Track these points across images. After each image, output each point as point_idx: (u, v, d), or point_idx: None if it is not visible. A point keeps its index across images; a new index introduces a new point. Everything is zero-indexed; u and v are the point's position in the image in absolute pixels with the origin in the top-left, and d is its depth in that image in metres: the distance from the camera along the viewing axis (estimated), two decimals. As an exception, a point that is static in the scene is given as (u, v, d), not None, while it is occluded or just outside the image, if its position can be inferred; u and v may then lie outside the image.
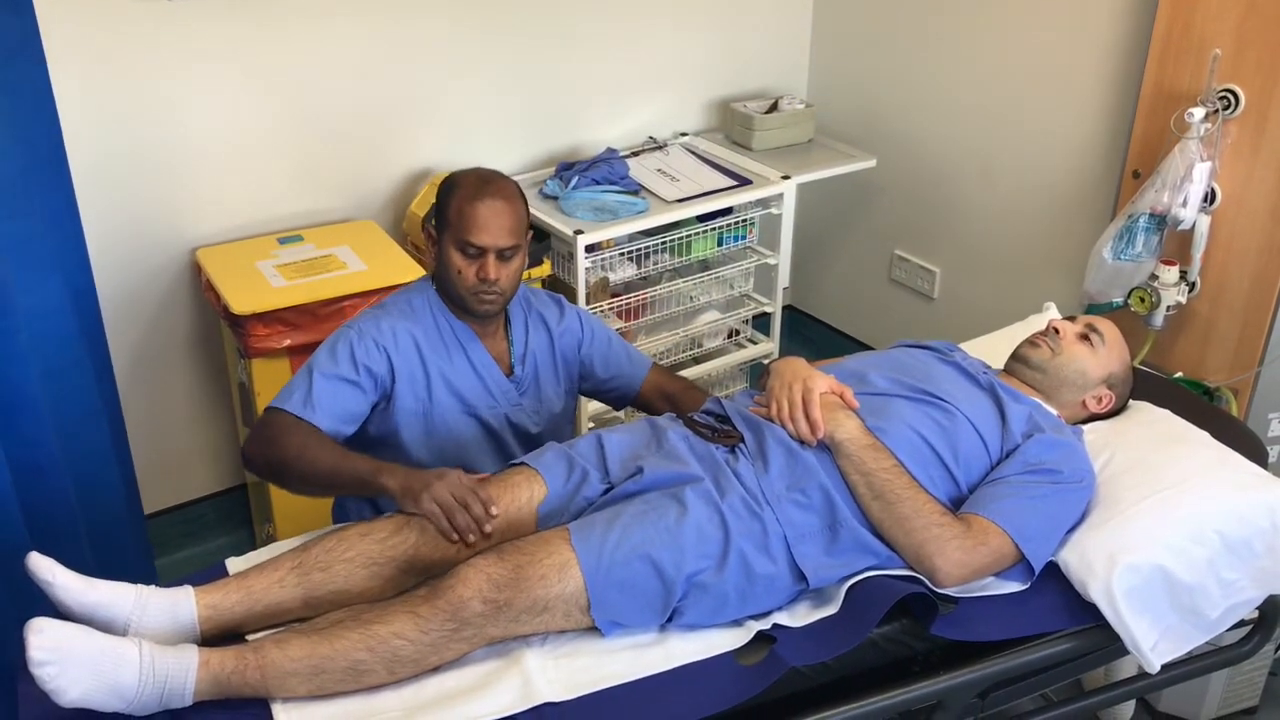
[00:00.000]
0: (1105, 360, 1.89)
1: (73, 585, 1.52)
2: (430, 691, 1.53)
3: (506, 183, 1.95)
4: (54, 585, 1.51)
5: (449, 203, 1.93)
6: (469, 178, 1.94)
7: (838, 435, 1.71)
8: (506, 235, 1.91)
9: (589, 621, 1.59)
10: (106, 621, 1.53)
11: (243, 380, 2.70)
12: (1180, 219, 2.42)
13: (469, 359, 2.00)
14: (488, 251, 1.90)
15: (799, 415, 1.74)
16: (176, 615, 1.57)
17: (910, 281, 3.46)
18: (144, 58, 2.57)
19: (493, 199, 1.90)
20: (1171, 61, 2.48)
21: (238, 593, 1.61)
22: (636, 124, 3.34)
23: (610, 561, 1.58)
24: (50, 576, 1.51)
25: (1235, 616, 1.73)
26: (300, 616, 1.64)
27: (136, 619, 1.55)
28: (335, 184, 2.92)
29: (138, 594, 1.57)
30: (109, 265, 2.67)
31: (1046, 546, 1.67)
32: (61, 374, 2.18)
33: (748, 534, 1.64)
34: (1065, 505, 1.70)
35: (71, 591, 1.52)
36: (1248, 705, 2.62)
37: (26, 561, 1.52)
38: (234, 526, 3.08)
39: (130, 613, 1.55)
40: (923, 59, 3.24)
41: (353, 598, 1.64)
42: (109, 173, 2.61)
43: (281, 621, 1.63)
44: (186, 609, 1.58)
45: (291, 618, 1.63)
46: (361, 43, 2.82)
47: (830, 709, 1.56)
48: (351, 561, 1.65)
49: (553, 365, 2.11)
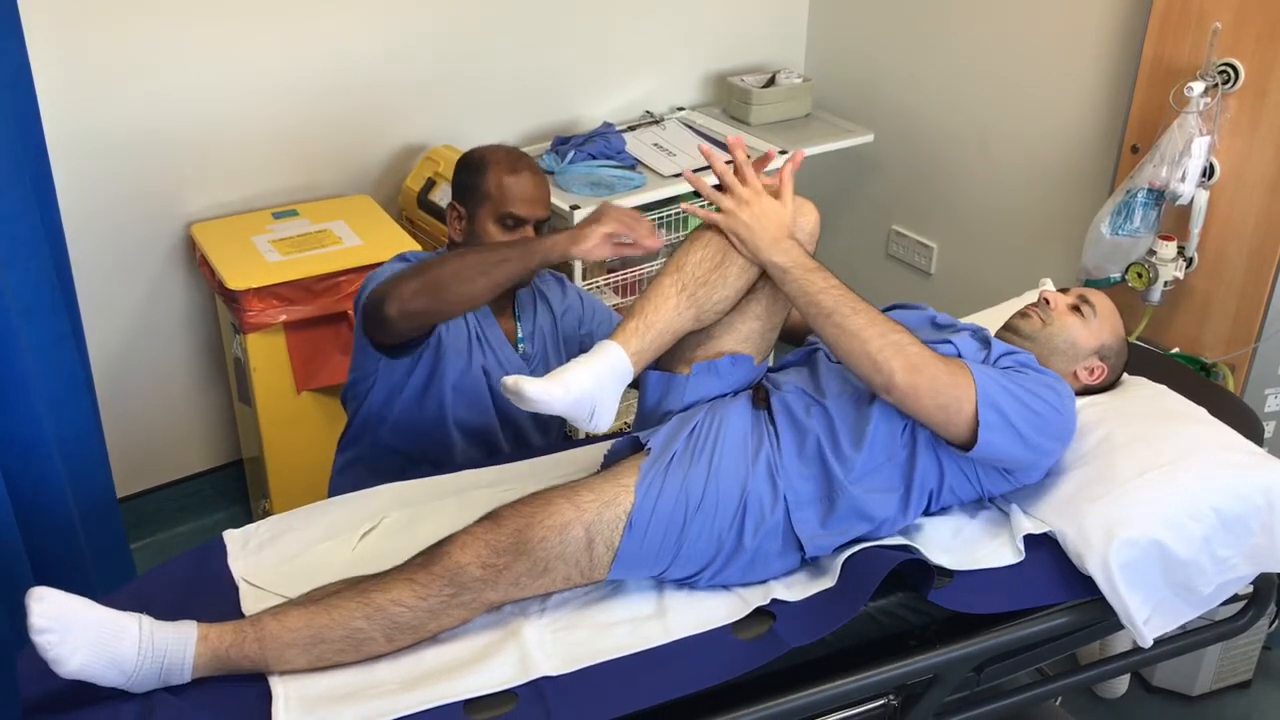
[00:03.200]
0: (1097, 331, 1.89)
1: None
2: (428, 664, 1.53)
3: (531, 158, 2.05)
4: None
5: (485, 177, 1.98)
6: (499, 153, 2.02)
7: (782, 261, 1.68)
8: (543, 206, 2.02)
9: (589, 580, 1.60)
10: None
11: (238, 356, 2.69)
12: (1178, 194, 2.41)
13: (489, 339, 2.05)
14: (527, 223, 1.98)
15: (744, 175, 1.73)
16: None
17: (907, 257, 3.45)
18: (137, 31, 2.55)
19: (527, 172, 2.00)
20: (1171, 35, 2.47)
21: (650, 331, 1.65)
22: (633, 98, 3.32)
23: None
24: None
25: (1227, 593, 1.74)
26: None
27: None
28: (330, 159, 2.91)
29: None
30: (103, 240, 2.66)
31: (1002, 395, 1.62)
32: (48, 351, 2.17)
33: (759, 498, 1.65)
34: (1035, 389, 1.67)
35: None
36: (1241, 679, 2.64)
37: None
38: (230, 502, 3.08)
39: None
40: (921, 34, 3.22)
41: (734, 299, 1.72)
42: (102, 148, 2.59)
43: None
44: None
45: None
46: (356, 17, 2.80)
47: (827, 682, 1.56)
48: (725, 271, 1.70)
49: (557, 343, 2.15)
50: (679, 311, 1.68)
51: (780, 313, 1.81)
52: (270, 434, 2.70)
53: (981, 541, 1.73)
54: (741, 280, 1.72)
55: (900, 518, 1.69)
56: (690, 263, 1.70)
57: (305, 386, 2.68)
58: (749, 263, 1.71)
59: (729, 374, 1.77)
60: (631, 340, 1.64)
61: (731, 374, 1.77)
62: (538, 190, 2.00)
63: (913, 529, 1.73)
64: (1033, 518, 1.73)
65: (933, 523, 1.75)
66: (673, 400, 1.76)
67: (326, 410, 2.71)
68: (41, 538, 2.14)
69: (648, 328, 1.66)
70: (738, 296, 1.74)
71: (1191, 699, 2.62)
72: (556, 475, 1.82)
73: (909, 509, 1.70)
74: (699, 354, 1.76)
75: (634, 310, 1.68)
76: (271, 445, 2.71)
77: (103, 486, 2.39)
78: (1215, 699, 2.63)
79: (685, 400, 1.76)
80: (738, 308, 1.75)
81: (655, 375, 1.77)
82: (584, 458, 1.95)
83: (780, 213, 1.71)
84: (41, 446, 2.09)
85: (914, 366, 1.59)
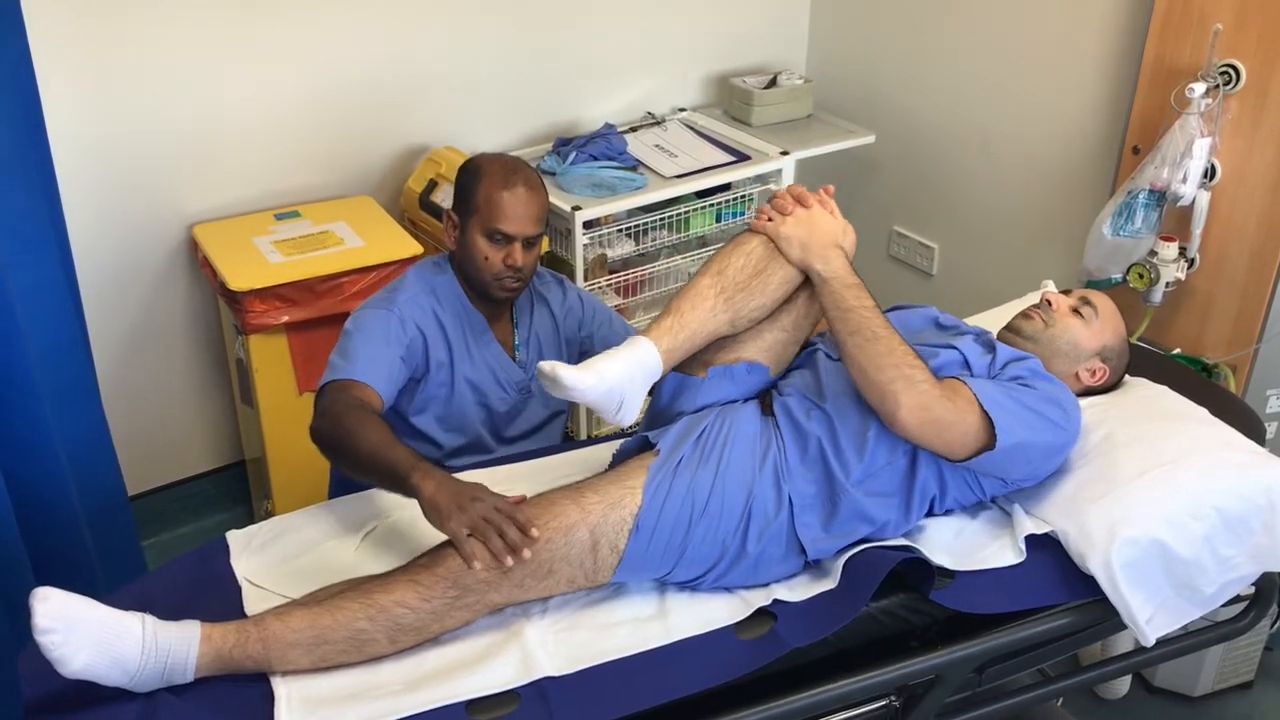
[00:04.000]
0: (1099, 332, 1.89)
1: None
2: (430, 665, 1.54)
3: (530, 171, 1.99)
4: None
5: (475, 189, 1.95)
6: (494, 165, 1.97)
7: (824, 271, 1.70)
8: (533, 223, 1.95)
9: (593, 583, 1.60)
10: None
11: (240, 357, 2.70)
12: (1180, 195, 2.41)
13: (483, 348, 2.03)
14: (516, 239, 1.94)
15: (801, 195, 1.76)
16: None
17: (909, 258, 3.46)
18: (139, 33, 2.55)
19: (521, 187, 1.94)
20: (1172, 36, 2.47)
21: (684, 331, 1.66)
22: (634, 99, 3.32)
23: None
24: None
25: (1230, 593, 1.74)
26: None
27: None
28: (331, 160, 2.91)
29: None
30: (105, 242, 2.66)
31: (1013, 423, 1.63)
32: (56, 351, 2.17)
33: (764, 502, 1.65)
34: (1042, 409, 1.67)
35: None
36: (1243, 680, 2.64)
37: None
38: (232, 503, 3.09)
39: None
40: (922, 35, 3.22)
41: (770, 308, 1.73)
42: (104, 149, 2.60)
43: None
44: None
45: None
46: (359, 17, 2.81)
47: (829, 683, 1.56)
48: (766, 280, 1.71)
49: (557, 345, 2.13)
50: (714, 314, 1.69)
51: (807, 328, 1.82)
52: (272, 435, 2.70)
53: (983, 542, 1.73)
54: (781, 291, 1.73)
55: (903, 521, 1.70)
56: (732, 267, 1.71)
57: (307, 387, 2.68)
58: (790, 274, 1.72)
59: (744, 381, 1.77)
60: (664, 338, 1.65)
61: (746, 381, 1.77)
62: (529, 208, 1.94)
63: (914, 529, 1.73)
64: (1034, 518, 1.73)
65: (934, 523, 1.75)
66: (685, 401, 1.76)
67: (328, 411, 2.71)
68: (46, 538, 2.14)
69: (681, 327, 1.67)
70: (774, 306, 1.75)
71: (1193, 700, 2.62)
72: (558, 475, 1.82)
73: (911, 513, 1.70)
74: (719, 358, 1.76)
75: (669, 308, 1.69)
76: (274, 446, 2.72)
77: (112, 485, 2.40)
78: (1217, 700, 2.63)
79: (698, 402, 1.76)
80: (769, 316, 1.76)
81: (671, 375, 1.77)
82: (586, 458, 1.95)
83: (832, 223, 1.74)
84: (46, 447, 2.09)
85: (922, 405, 1.60)
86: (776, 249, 1.72)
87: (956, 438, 1.63)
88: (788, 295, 1.75)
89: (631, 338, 1.66)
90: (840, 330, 1.67)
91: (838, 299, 1.68)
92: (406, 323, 1.94)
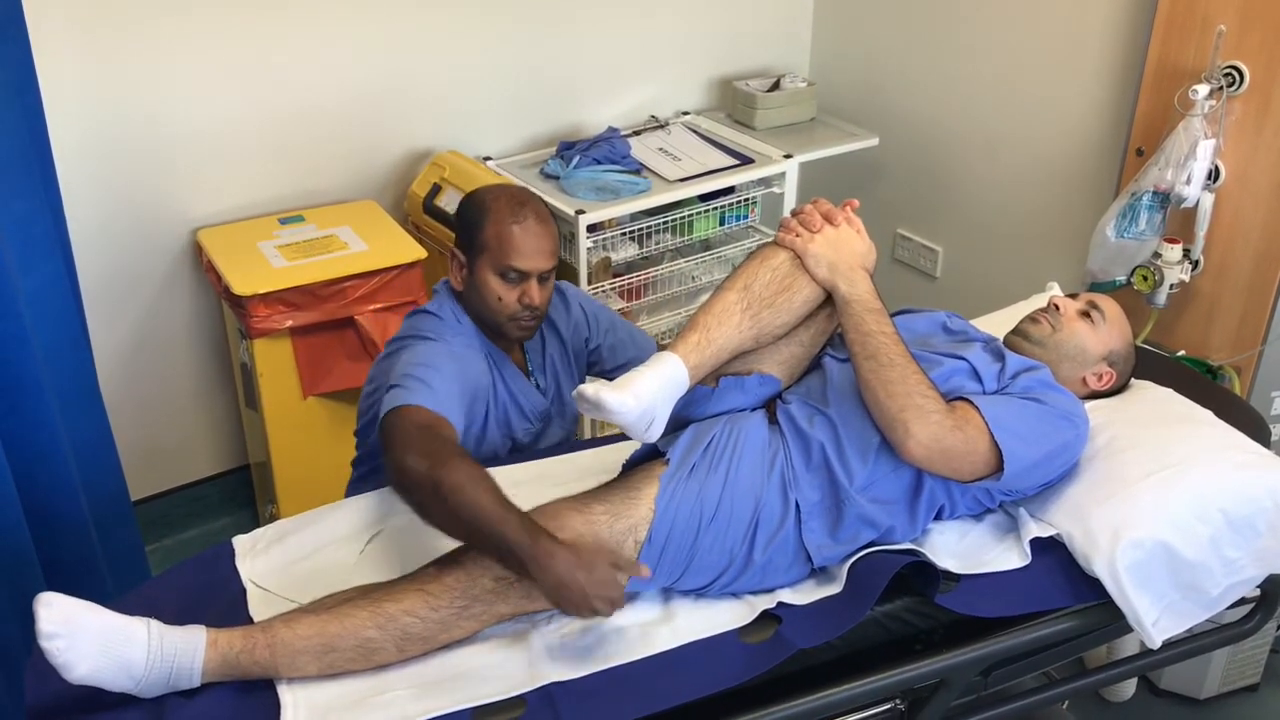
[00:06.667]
0: (1106, 337, 1.89)
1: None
2: (437, 671, 1.54)
3: (538, 201, 1.90)
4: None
5: (482, 225, 1.84)
6: (500, 199, 1.86)
7: (849, 293, 1.70)
8: (548, 257, 1.86)
9: None
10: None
11: (244, 361, 2.70)
12: (1184, 197, 2.41)
13: (507, 385, 1.96)
14: (531, 275, 1.84)
15: (829, 212, 1.75)
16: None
17: (913, 260, 3.45)
18: (143, 37, 2.56)
19: (531, 220, 1.84)
20: (1176, 38, 2.47)
21: (710, 346, 1.65)
22: (638, 103, 3.32)
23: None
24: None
25: (1236, 594, 1.74)
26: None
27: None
28: (336, 164, 2.91)
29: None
30: (109, 246, 2.66)
31: (1023, 448, 1.63)
32: (59, 356, 2.17)
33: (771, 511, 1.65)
34: (1053, 428, 1.68)
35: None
36: (1249, 682, 2.63)
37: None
38: (237, 507, 3.09)
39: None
40: (925, 37, 3.22)
41: (793, 325, 1.73)
42: (108, 154, 2.60)
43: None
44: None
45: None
46: (362, 21, 2.81)
47: (834, 686, 1.56)
48: (792, 297, 1.70)
49: (568, 364, 2.09)
50: (740, 330, 1.68)
51: (822, 343, 1.82)
52: (277, 439, 2.70)
53: (988, 545, 1.73)
54: (805, 309, 1.73)
55: (910, 528, 1.70)
56: (759, 282, 1.69)
57: (312, 391, 2.68)
58: (815, 292, 1.71)
59: (754, 391, 1.77)
60: (692, 355, 1.64)
61: (757, 392, 1.77)
62: (542, 240, 1.83)
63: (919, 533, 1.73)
64: (1039, 521, 1.73)
65: (939, 527, 1.75)
66: (694, 410, 1.76)
67: (333, 415, 2.72)
68: (55, 542, 2.14)
69: (709, 343, 1.66)
70: (796, 324, 1.74)
71: (1199, 702, 2.62)
72: (564, 479, 1.82)
73: (918, 519, 1.70)
74: (731, 368, 1.76)
75: (696, 323, 1.67)
76: (278, 450, 2.72)
77: (116, 490, 2.40)
78: (1223, 702, 2.62)
79: (707, 411, 1.76)
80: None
81: None
82: (592, 462, 1.95)
83: (859, 244, 1.74)
84: (56, 451, 2.10)
85: (933, 436, 1.60)
86: (801, 265, 1.71)
87: (965, 466, 1.64)
88: (810, 312, 1.74)
89: (660, 354, 1.64)
90: (858, 353, 1.67)
91: (859, 321, 1.68)
92: (455, 355, 1.82)
